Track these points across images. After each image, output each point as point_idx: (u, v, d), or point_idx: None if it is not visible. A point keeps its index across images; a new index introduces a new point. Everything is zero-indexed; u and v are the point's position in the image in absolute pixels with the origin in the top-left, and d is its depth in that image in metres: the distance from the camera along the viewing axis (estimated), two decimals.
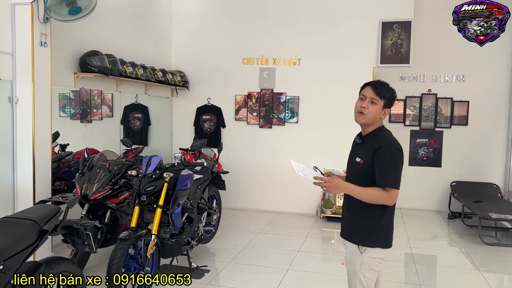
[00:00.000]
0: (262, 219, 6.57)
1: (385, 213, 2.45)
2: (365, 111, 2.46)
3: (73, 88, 5.07)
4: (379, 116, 2.49)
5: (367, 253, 2.47)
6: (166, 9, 7.16)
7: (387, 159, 2.38)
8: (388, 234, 2.51)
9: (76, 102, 5.52)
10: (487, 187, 6.99)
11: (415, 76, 7.31)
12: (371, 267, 2.47)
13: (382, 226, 2.47)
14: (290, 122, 6.95)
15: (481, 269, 4.69)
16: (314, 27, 6.75)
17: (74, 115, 5.56)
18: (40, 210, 2.48)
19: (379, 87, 2.49)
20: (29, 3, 3.97)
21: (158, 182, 3.67)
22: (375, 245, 2.46)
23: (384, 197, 2.37)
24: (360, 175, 2.48)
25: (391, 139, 2.48)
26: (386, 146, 2.42)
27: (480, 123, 7.15)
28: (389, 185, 2.36)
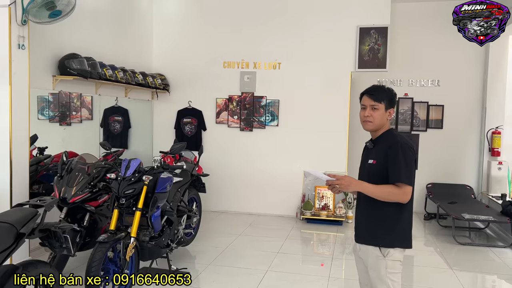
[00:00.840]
0: (243, 221, 6.63)
1: (402, 212, 2.45)
2: (370, 119, 2.52)
3: (52, 90, 5.04)
4: (385, 119, 2.54)
5: (390, 256, 2.43)
6: (146, 12, 7.17)
7: (399, 156, 2.40)
8: (408, 233, 2.49)
9: (55, 104, 5.48)
10: (461, 189, 7.20)
11: (392, 80, 7.49)
12: (395, 269, 2.44)
13: (401, 226, 2.45)
14: (270, 125, 7.03)
15: (454, 268, 4.83)
16: (294, 32, 6.86)
17: (53, 117, 5.51)
18: (17, 213, 2.49)
19: (375, 93, 2.54)
20: (6, 6, 3.94)
21: (137, 185, 3.69)
22: (395, 245, 2.43)
23: (396, 193, 2.37)
24: (373, 175, 2.49)
25: (402, 139, 2.50)
26: (398, 145, 2.44)
27: (455, 126, 7.37)
28: (401, 180, 2.37)
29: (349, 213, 6.69)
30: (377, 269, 2.46)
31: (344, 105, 6.72)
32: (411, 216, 2.52)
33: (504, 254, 5.38)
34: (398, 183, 2.38)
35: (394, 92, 2.60)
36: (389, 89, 2.61)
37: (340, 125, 6.75)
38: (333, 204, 6.71)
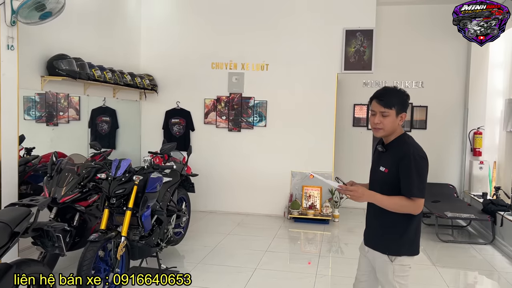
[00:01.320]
0: (231, 221, 6.70)
1: (412, 222, 2.44)
2: (380, 126, 2.44)
3: (40, 91, 5.04)
4: (396, 124, 2.44)
5: (397, 261, 2.45)
6: (134, 13, 7.19)
7: (412, 168, 2.35)
8: (415, 242, 2.50)
9: (42, 105, 5.46)
10: (444, 188, 7.37)
11: (378, 82, 7.64)
12: (403, 273, 2.47)
13: (410, 235, 2.45)
14: (258, 125, 7.12)
15: (436, 264, 4.98)
16: (282, 34, 6.96)
17: (39, 118, 5.50)
18: (11, 212, 2.52)
19: (384, 98, 2.44)
20: None
21: (128, 185, 3.73)
22: (402, 254, 2.45)
23: (409, 206, 2.36)
24: (384, 184, 2.45)
25: (415, 147, 2.42)
26: (411, 155, 2.36)
27: (438, 127, 7.55)
28: (414, 194, 2.34)
29: (335, 212, 6.81)
30: (385, 273, 2.49)
31: (331, 106, 6.84)
32: (419, 225, 2.52)
33: (484, 251, 5.55)
34: (411, 196, 2.35)
35: (406, 94, 2.49)
36: (401, 91, 2.50)
37: (327, 125, 6.87)
38: (320, 204, 6.83)
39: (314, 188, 6.87)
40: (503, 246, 5.52)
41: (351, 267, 4.75)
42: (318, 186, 6.87)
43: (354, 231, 6.41)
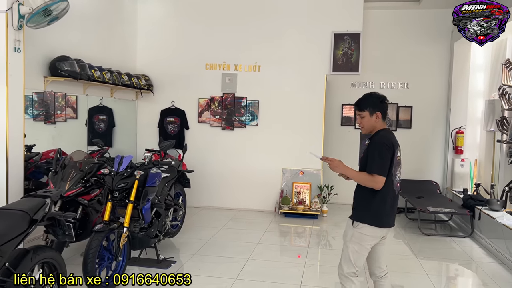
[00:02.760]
0: (224, 216, 6.98)
1: (375, 196, 2.94)
2: (361, 125, 3.11)
3: (42, 90, 5.27)
4: (373, 122, 3.04)
5: (357, 228, 2.96)
6: (131, 15, 7.43)
7: (374, 151, 2.92)
8: (378, 215, 2.95)
9: (40, 104, 5.68)
10: (428, 185, 7.73)
11: (365, 83, 7.97)
12: (359, 241, 2.95)
13: (372, 207, 2.94)
14: (250, 124, 7.41)
15: (418, 255, 5.31)
16: (273, 37, 7.25)
17: (37, 116, 5.71)
18: (29, 202, 2.78)
19: (359, 103, 3.07)
20: (3, 11, 4.18)
21: (130, 180, 4.00)
22: (364, 221, 2.94)
23: (369, 180, 2.90)
24: (362, 166, 3.05)
25: (381, 137, 2.99)
26: (375, 141, 2.98)
27: (422, 126, 7.91)
28: (373, 171, 2.89)
29: (324, 208, 7.12)
30: (345, 235, 3.08)
31: (320, 106, 7.16)
32: (386, 201, 2.96)
33: (464, 243, 5.90)
34: (370, 172, 2.90)
35: (377, 96, 3.05)
36: (373, 95, 3.07)
37: (316, 124, 7.18)
38: (309, 199, 7.14)
39: (303, 184, 7.18)
40: (481, 238, 5.88)
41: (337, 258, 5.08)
42: (307, 182, 7.18)
43: (342, 225, 6.71)
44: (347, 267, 3.02)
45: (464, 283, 4.93)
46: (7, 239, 2.45)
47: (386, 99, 3.11)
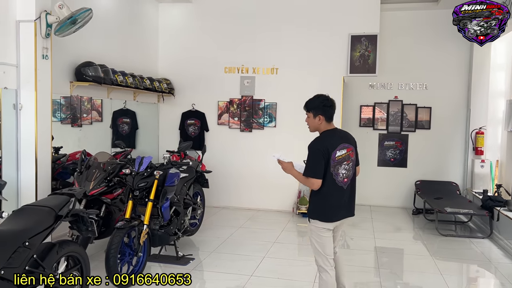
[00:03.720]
0: (243, 215, 7.13)
1: (317, 196, 3.23)
2: (307, 125, 3.37)
3: (68, 95, 5.54)
4: (316, 123, 3.29)
5: (312, 223, 3.28)
6: (152, 21, 7.69)
7: (308, 155, 3.19)
8: (324, 212, 3.23)
9: (67, 107, 5.96)
10: (448, 185, 7.69)
11: (383, 84, 7.99)
12: (317, 233, 3.25)
13: (317, 205, 3.25)
14: (268, 126, 7.54)
15: (433, 255, 5.33)
16: (290, 39, 7.37)
17: (64, 119, 5.99)
18: (54, 200, 3.00)
19: (307, 103, 3.33)
20: (32, 21, 4.46)
21: (149, 179, 4.20)
22: (314, 218, 3.26)
23: (305, 181, 3.18)
24: None
25: (315, 141, 3.23)
26: (310, 146, 3.21)
27: (441, 127, 7.87)
28: (306, 174, 3.16)
29: None
30: (308, 231, 3.39)
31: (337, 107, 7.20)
32: (328, 198, 3.21)
33: (482, 244, 5.86)
34: (305, 176, 3.17)
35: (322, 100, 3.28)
36: (319, 98, 3.30)
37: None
38: None
39: None
40: (499, 239, 5.83)
41: (355, 257, 5.19)
42: None
43: (359, 226, 6.77)
44: (320, 258, 3.27)
45: (479, 283, 4.93)
46: (35, 233, 2.67)
47: (331, 103, 3.31)
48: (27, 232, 2.61)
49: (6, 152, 4.56)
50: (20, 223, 2.63)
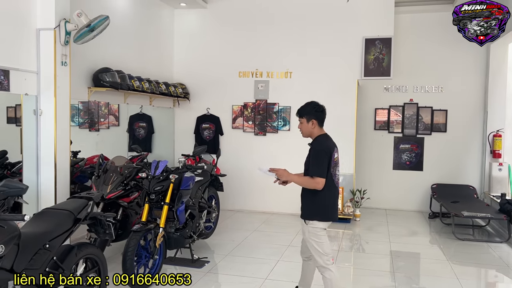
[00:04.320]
0: (257, 219, 7.16)
1: (318, 196, 3.33)
2: (301, 131, 3.54)
3: (86, 100, 5.66)
4: (310, 128, 3.46)
5: (310, 224, 3.35)
6: (167, 27, 7.80)
7: (313, 156, 3.33)
8: (324, 211, 3.36)
9: (85, 112, 6.09)
10: (465, 189, 7.59)
11: (398, 87, 7.95)
12: (315, 234, 3.34)
13: (316, 205, 3.35)
14: (282, 130, 7.57)
15: (450, 260, 5.27)
16: (304, 43, 7.40)
17: (82, 124, 6.12)
18: (73, 203, 3.08)
19: (299, 110, 3.49)
20: (52, 29, 4.59)
21: (165, 183, 4.27)
22: (313, 218, 3.34)
23: (311, 182, 3.28)
24: (306, 169, 3.44)
25: (318, 143, 3.40)
26: (314, 148, 3.38)
27: (458, 129, 7.78)
28: (313, 174, 3.28)
29: (356, 212, 7.16)
30: (304, 232, 3.45)
31: (352, 111, 7.21)
32: (329, 198, 3.37)
33: (500, 249, 5.78)
34: (312, 176, 3.27)
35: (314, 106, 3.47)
36: (311, 104, 3.48)
37: (348, 129, 7.23)
38: (341, 203, 7.19)
39: None
40: None
41: (370, 261, 5.20)
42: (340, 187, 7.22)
43: (375, 229, 6.74)
44: (320, 258, 3.34)
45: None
46: (55, 235, 2.75)
47: (322, 109, 3.50)
48: (47, 234, 2.69)
49: (27, 157, 4.68)
50: (41, 226, 2.71)
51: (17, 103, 4.89)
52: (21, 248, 2.45)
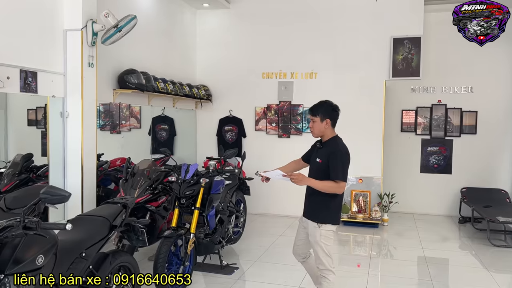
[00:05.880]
0: (282, 223, 6.99)
1: (333, 199, 3.29)
2: (312, 129, 3.43)
3: (107, 102, 5.55)
4: (322, 128, 3.36)
5: (323, 227, 3.29)
6: (190, 28, 7.70)
7: (338, 159, 3.22)
8: (337, 214, 3.38)
9: (106, 114, 6.00)
10: (496, 193, 7.32)
11: (426, 87, 7.72)
12: (327, 237, 3.31)
13: (333, 209, 3.32)
14: (307, 132, 7.38)
15: (488, 268, 5.04)
16: (330, 43, 7.22)
17: (103, 126, 6.02)
18: (108, 209, 2.96)
19: (313, 108, 3.40)
20: (79, 30, 4.50)
21: (196, 187, 4.14)
22: (327, 222, 3.30)
23: (335, 187, 3.20)
24: (319, 170, 3.31)
25: (341, 146, 3.33)
26: (338, 150, 3.27)
27: (488, 131, 7.52)
28: (339, 178, 3.19)
29: (384, 216, 6.94)
30: (314, 235, 3.33)
31: (379, 112, 7.01)
32: (341, 202, 3.40)
33: None
34: (336, 180, 3.18)
35: (330, 105, 3.37)
36: (326, 103, 3.38)
37: (376, 131, 7.03)
38: (369, 207, 6.99)
39: (363, 192, 7.05)
40: None
41: (405, 269, 5.00)
42: (367, 190, 7.05)
43: (404, 235, 6.53)
44: (327, 261, 3.33)
45: None
46: (91, 244, 2.63)
47: (338, 109, 3.42)
48: (84, 242, 2.58)
49: (53, 160, 4.60)
50: (77, 234, 2.59)
51: (38, 105, 4.83)
52: (59, 257, 2.33)
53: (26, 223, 1.97)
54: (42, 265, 2.13)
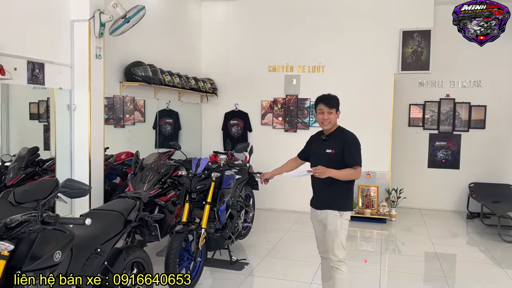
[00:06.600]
0: (289, 218, 6.92)
1: (351, 186, 3.40)
2: (328, 121, 3.37)
3: (114, 94, 5.44)
4: (336, 119, 3.43)
5: (343, 216, 3.33)
6: (195, 20, 7.58)
7: (353, 147, 3.31)
8: (352, 200, 3.48)
9: (110, 108, 5.89)
10: (505, 188, 7.25)
11: (434, 81, 7.63)
12: (346, 226, 3.37)
13: (350, 195, 3.42)
14: (314, 126, 7.29)
15: (501, 264, 4.98)
16: (338, 36, 7.11)
17: (107, 120, 5.91)
18: (122, 204, 2.88)
19: (329, 101, 3.39)
20: (86, 20, 4.40)
21: (207, 181, 4.05)
22: (346, 209, 3.35)
23: (354, 173, 3.28)
24: (333, 160, 3.30)
25: (350, 133, 3.43)
26: (352, 139, 3.36)
27: (497, 126, 7.43)
28: (357, 164, 3.28)
29: (392, 212, 6.87)
30: (334, 224, 3.32)
31: (388, 106, 6.92)
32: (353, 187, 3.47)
33: None
34: (355, 166, 3.26)
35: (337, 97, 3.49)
36: (336, 96, 3.48)
37: (384, 125, 6.94)
38: (376, 203, 6.92)
39: (371, 187, 6.98)
40: None
41: (416, 265, 4.93)
42: (375, 185, 6.97)
43: (413, 230, 6.46)
44: (341, 253, 3.33)
45: None
46: (106, 239, 2.55)
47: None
48: (99, 238, 2.49)
49: (60, 153, 4.52)
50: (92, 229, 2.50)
51: (40, 99, 4.74)
52: (75, 253, 2.25)
53: (44, 218, 1.89)
54: (59, 261, 2.04)
